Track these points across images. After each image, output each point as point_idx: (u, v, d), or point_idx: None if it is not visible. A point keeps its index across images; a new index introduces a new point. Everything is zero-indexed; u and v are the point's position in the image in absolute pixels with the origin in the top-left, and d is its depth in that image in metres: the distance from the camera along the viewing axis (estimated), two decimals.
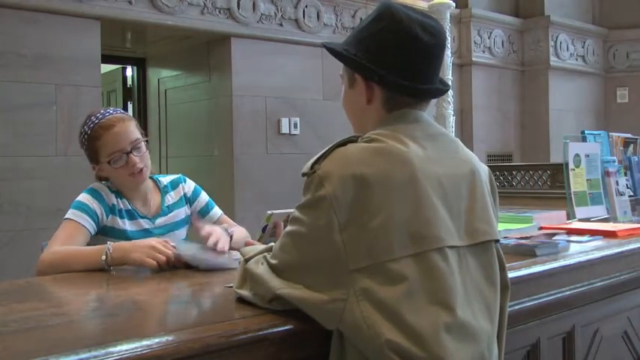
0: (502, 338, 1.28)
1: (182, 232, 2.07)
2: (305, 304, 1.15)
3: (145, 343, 1.03)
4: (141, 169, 1.94)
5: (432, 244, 1.13)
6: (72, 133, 3.89)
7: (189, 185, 2.14)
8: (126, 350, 1.00)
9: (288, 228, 1.20)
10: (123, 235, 1.93)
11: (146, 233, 1.98)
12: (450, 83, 3.47)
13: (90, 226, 1.89)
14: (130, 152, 1.93)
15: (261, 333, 1.15)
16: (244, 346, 1.13)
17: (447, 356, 1.09)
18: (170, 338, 1.06)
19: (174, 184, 2.11)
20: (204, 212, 2.13)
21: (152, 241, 1.72)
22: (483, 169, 1.31)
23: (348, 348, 1.15)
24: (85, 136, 1.98)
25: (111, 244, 1.72)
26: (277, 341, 1.14)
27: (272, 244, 1.33)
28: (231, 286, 1.70)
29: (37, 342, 1.07)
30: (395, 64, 1.24)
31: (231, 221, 2.19)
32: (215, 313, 1.30)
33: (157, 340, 1.04)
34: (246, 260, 1.32)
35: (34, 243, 3.42)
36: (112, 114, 1.98)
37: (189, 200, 2.11)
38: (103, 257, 1.69)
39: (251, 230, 2.36)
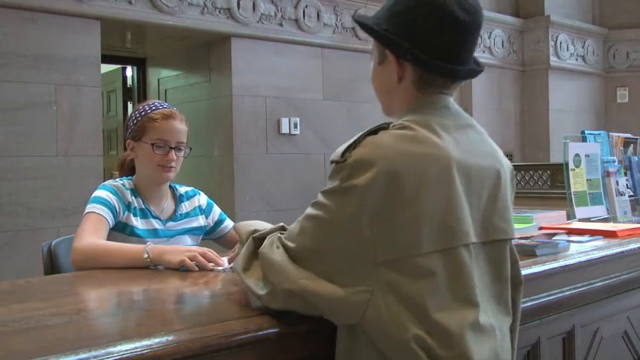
0: (515, 333, 1.27)
1: (187, 239, 2.12)
2: (326, 297, 1.10)
3: (144, 343, 1.03)
4: (171, 167, 2.04)
5: (460, 239, 1.11)
6: (72, 133, 3.90)
7: (204, 198, 2.22)
8: (126, 350, 1.00)
9: (311, 212, 1.15)
10: (133, 233, 1.99)
11: (155, 233, 2.03)
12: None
13: (110, 219, 1.95)
14: (173, 148, 2.02)
15: (260, 333, 1.15)
16: (244, 346, 1.13)
17: (472, 356, 1.08)
18: (170, 338, 1.06)
19: (190, 196, 2.19)
20: (219, 223, 2.22)
21: (190, 247, 1.85)
22: (507, 164, 1.27)
23: (361, 345, 1.12)
24: (143, 113, 2.06)
25: (149, 245, 1.79)
26: (277, 341, 1.14)
27: (282, 223, 1.29)
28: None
29: (37, 342, 1.07)
30: (428, 43, 1.17)
31: None
32: (215, 313, 1.30)
33: (156, 340, 1.04)
34: (255, 239, 1.26)
35: (34, 243, 3.42)
36: (176, 110, 2.10)
37: (204, 212, 2.19)
38: (145, 255, 1.74)
39: None
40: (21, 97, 3.71)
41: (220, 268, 1.70)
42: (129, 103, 5.67)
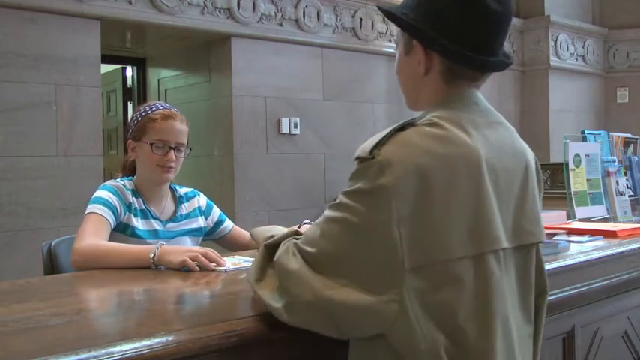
0: (538, 342, 1.24)
1: (187, 240, 2.13)
2: (353, 306, 1.03)
3: (144, 343, 1.03)
4: (170, 168, 2.03)
5: (492, 244, 1.07)
6: (72, 133, 3.90)
7: (203, 199, 2.23)
8: (126, 350, 1.00)
9: (333, 214, 1.07)
10: (134, 234, 1.99)
11: (155, 235, 2.03)
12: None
13: (112, 220, 1.95)
14: (173, 149, 2.03)
15: (261, 333, 1.15)
16: (244, 346, 1.13)
17: None
18: (170, 338, 1.06)
19: (189, 197, 2.19)
20: (219, 224, 2.23)
21: (191, 247, 1.88)
22: (534, 162, 1.24)
23: (379, 352, 1.06)
24: (143, 113, 2.07)
25: (160, 244, 1.78)
26: (277, 341, 1.14)
27: (294, 227, 1.23)
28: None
29: (37, 342, 1.07)
30: (458, 33, 1.12)
31: (244, 231, 2.28)
32: (215, 313, 1.30)
33: (157, 340, 1.04)
34: (268, 247, 1.20)
35: (34, 243, 3.42)
36: (177, 111, 2.10)
37: (203, 213, 2.19)
38: (152, 255, 1.73)
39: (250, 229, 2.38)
40: (21, 97, 3.71)
41: (222, 268, 1.70)
42: (129, 103, 5.67)
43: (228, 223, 2.24)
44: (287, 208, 4.83)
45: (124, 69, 5.63)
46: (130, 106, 5.64)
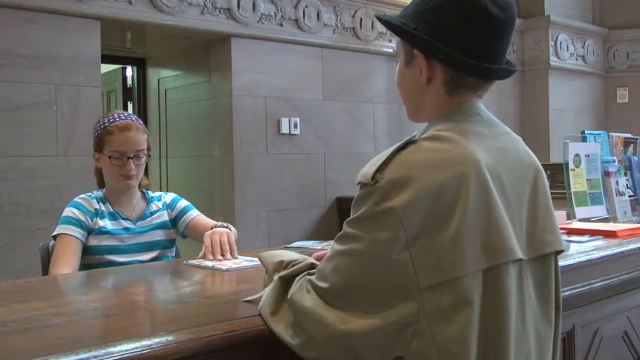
0: (557, 354, 1.21)
1: (158, 234, 2.21)
2: (369, 333, 1.02)
3: (144, 343, 1.03)
4: (131, 176, 2.12)
5: (505, 256, 1.04)
6: (72, 133, 3.90)
7: (169, 196, 2.33)
8: (126, 350, 1.00)
9: (340, 247, 1.06)
10: (100, 232, 2.08)
11: (126, 230, 2.13)
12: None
13: (81, 235, 2.04)
14: (131, 158, 2.10)
15: (260, 333, 1.15)
16: (244, 346, 1.13)
17: None
18: (170, 338, 1.06)
19: (159, 197, 2.31)
20: (182, 214, 2.29)
21: None
22: (542, 169, 1.22)
23: None
24: (102, 126, 2.14)
25: None
26: (277, 341, 1.14)
27: (311, 260, 1.21)
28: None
29: (37, 342, 1.08)
30: (460, 41, 1.10)
31: (211, 221, 2.28)
32: (215, 313, 1.30)
33: (157, 340, 1.04)
34: (283, 279, 1.18)
35: (33, 243, 3.41)
36: (132, 120, 2.16)
37: (169, 206, 2.29)
38: None
39: (250, 229, 2.38)
40: (21, 97, 3.71)
41: (223, 267, 1.70)
42: (129, 103, 5.66)
43: (193, 213, 2.29)
44: (287, 208, 4.83)
45: (124, 69, 5.63)
46: (130, 106, 5.64)
